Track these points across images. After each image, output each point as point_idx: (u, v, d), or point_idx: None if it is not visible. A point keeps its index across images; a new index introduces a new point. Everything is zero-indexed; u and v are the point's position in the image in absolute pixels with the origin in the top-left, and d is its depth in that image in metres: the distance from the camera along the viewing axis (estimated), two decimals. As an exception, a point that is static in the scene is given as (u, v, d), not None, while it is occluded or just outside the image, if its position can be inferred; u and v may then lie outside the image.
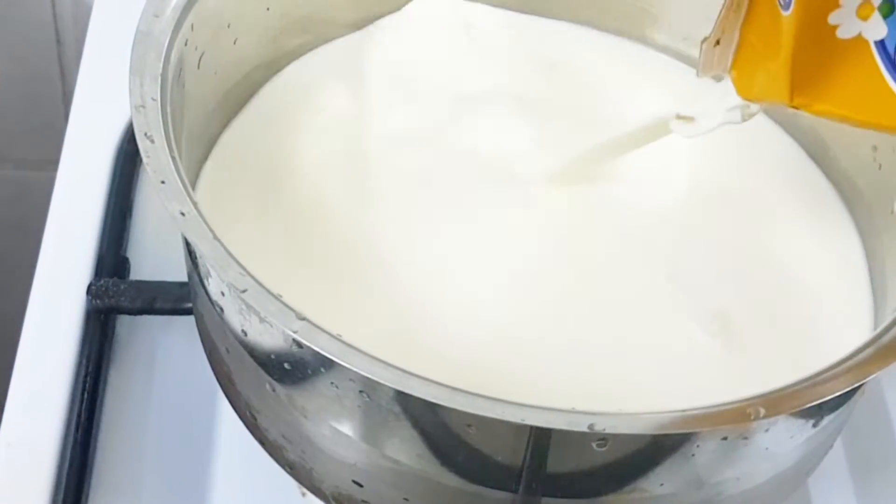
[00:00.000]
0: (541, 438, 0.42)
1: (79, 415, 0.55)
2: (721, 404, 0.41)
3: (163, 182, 0.44)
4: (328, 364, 0.43)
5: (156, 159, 0.45)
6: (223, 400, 0.52)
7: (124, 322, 0.59)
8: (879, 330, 0.45)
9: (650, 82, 0.60)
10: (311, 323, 0.41)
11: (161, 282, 0.59)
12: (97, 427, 0.55)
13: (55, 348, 0.57)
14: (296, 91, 0.58)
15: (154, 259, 0.62)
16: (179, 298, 0.58)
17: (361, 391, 0.43)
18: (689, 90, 0.50)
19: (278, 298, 0.42)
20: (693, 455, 0.43)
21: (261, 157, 0.55)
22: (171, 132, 0.47)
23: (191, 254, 0.49)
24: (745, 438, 0.44)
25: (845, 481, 0.57)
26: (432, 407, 0.41)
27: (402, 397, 0.42)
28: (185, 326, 0.57)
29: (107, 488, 0.54)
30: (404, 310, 0.50)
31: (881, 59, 0.43)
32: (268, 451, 0.49)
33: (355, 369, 0.40)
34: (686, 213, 0.55)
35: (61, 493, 0.52)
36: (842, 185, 0.57)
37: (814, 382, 0.42)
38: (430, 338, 0.49)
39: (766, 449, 0.45)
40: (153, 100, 0.47)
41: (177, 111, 0.49)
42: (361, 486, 0.46)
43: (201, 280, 0.48)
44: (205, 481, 0.55)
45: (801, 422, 0.45)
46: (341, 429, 0.45)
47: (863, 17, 0.42)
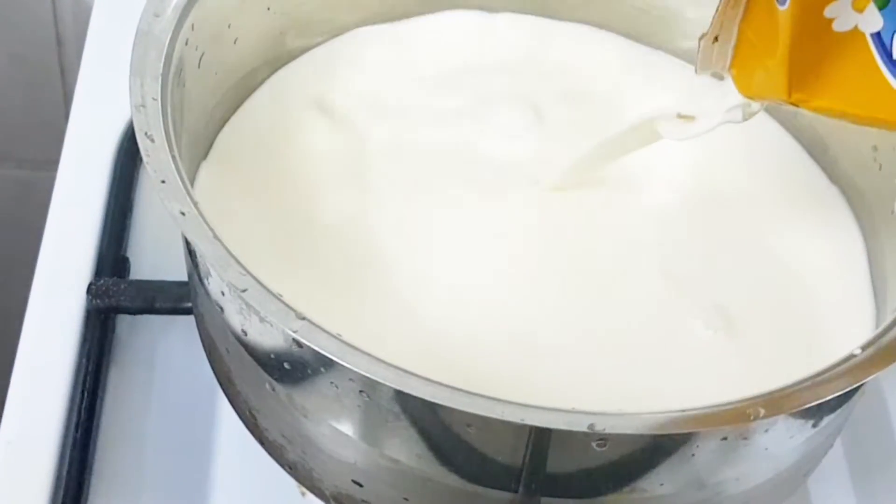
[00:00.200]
0: (541, 438, 0.42)
1: (79, 414, 0.55)
2: (721, 404, 0.41)
3: (163, 181, 0.44)
4: (328, 364, 0.43)
5: (156, 159, 0.45)
6: (223, 399, 0.52)
7: (124, 321, 0.59)
8: (879, 330, 0.45)
9: (658, 84, 0.60)
10: (310, 322, 0.41)
11: (161, 281, 0.59)
12: (97, 426, 0.55)
13: (55, 348, 0.57)
14: (296, 91, 0.58)
15: (154, 259, 0.62)
16: (179, 298, 0.58)
17: (361, 391, 0.43)
18: (695, 92, 0.50)
19: (278, 298, 0.42)
20: (693, 455, 0.43)
21: (261, 157, 0.55)
22: (172, 131, 0.47)
23: (191, 253, 0.49)
24: (745, 439, 0.44)
25: (845, 481, 0.57)
26: (432, 407, 0.41)
27: (401, 397, 0.42)
28: (185, 326, 0.57)
29: (107, 487, 0.54)
30: (404, 309, 0.50)
31: (877, 51, 0.42)
32: (268, 450, 0.49)
33: (355, 369, 0.40)
34: (686, 213, 0.55)
35: (61, 493, 0.52)
36: (842, 185, 0.57)
37: (814, 382, 0.42)
38: (430, 337, 0.49)
39: (766, 449, 0.45)
40: (153, 99, 0.47)
41: (177, 111, 0.49)
42: (361, 485, 0.46)
43: (201, 279, 0.48)
44: (205, 481, 0.55)
45: (800, 422, 0.45)
46: (341, 428, 0.45)
47: (858, 9, 0.42)
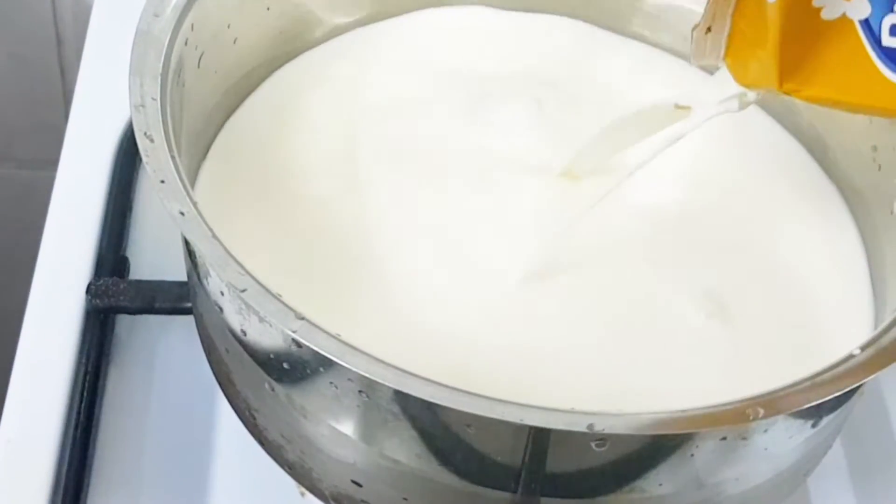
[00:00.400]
0: (540, 438, 0.42)
1: (78, 414, 0.55)
2: (720, 404, 0.41)
3: (162, 181, 0.44)
4: (327, 364, 0.43)
5: (155, 158, 0.45)
6: (222, 399, 0.52)
7: (124, 321, 0.59)
8: (879, 330, 0.45)
9: (655, 79, 0.60)
10: (310, 322, 0.41)
11: (160, 281, 0.59)
12: (96, 426, 0.55)
13: (55, 347, 0.57)
14: (295, 90, 0.58)
15: (154, 258, 0.62)
16: (179, 298, 0.58)
17: (360, 391, 0.43)
18: (692, 83, 0.50)
19: (277, 298, 0.42)
20: (692, 455, 0.43)
21: (260, 157, 0.55)
22: (171, 131, 0.47)
23: (190, 253, 0.49)
24: (745, 439, 0.44)
25: (844, 481, 0.57)
26: (431, 407, 0.41)
27: (401, 397, 0.42)
28: (184, 326, 0.57)
29: (106, 487, 0.54)
30: (403, 309, 0.50)
31: (866, 38, 0.42)
32: (267, 450, 0.49)
33: (354, 369, 0.40)
34: (686, 213, 0.55)
35: (60, 492, 0.52)
36: (842, 185, 0.57)
37: (813, 383, 0.42)
38: (428, 336, 0.49)
39: (766, 449, 0.45)
40: (153, 99, 0.47)
41: (176, 110, 0.49)
42: (360, 485, 0.46)
43: (201, 279, 0.48)
44: (204, 480, 0.55)
45: (800, 422, 0.45)
46: (340, 428, 0.45)
47: None
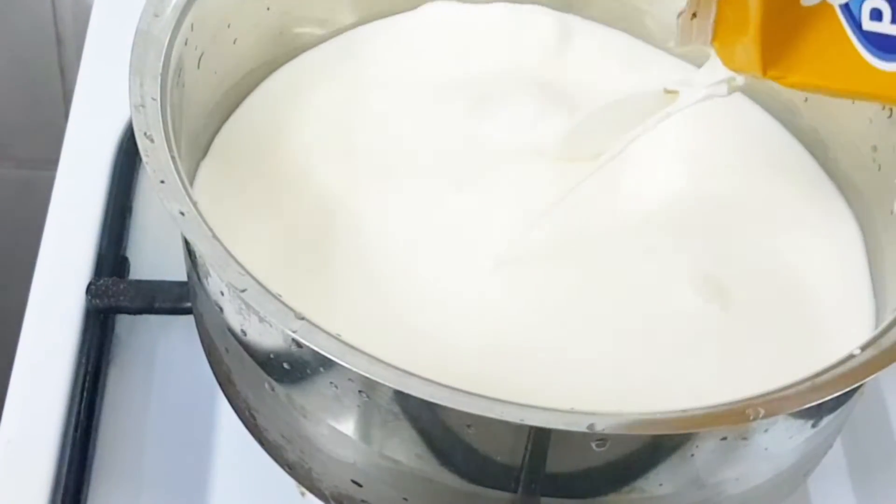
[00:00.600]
0: (540, 438, 0.42)
1: (78, 414, 0.55)
2: (720, 404, 0.41)
3: (162, 181, 0.44)
4: (327, 364, 0.43)
5: (155, 158, 0.45)
6: (222, 399, 0.52)
7: (124, 321, 0.59)
8: (879, 330, 0.45)
9: (644, 70, 0.60)
10: (310, 322, 0.41)
11: (160, 281, 0.59)
12: (96, 426, 0.55)
13: (55, 347, 0.57)
14: (295, 89, 0.58)
15: (153, 258, 0.62)
16: (179, 298, 0.58)
17: (360, 391, 0.43)
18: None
19: (277, 298, 0.42)
20: (692, 455, 0.43)
21: (260, 156, 0.55)
22: (171, 131, 0.47)
23: (190, 253, 0.49)
24: (745, 439, 0.44)
25: (844, 481, 0.57)
26: (431, 407, 0.41)
27: (401, 397, 0.42)
28: (184, 326, 0.57)
29: (106, 487, 0.54)
30: (404, 308, 0.50)
31: (847, 23, 0.42)
32: (267, 450, 0.49)
33: (354, 369, 0.40)
34: (686, 213, 0.55)
35: (60, 492, 0.52)
36: (842, 185, 0.57)
37: (813, 383, 0.42)
38: (430, 336, 0.49)
39: (766, 449, 0.45)
40: (153, 99, 0.47)
41: (176, 111, 0.49)
42: (360, 485, 0.46)
43: (201, 279, 0.48)
44: (204, 480, 0.55)
45: (800, 422, 0.45)
46: (340, 428, 0.45)
47: None
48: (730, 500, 0.46)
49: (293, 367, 0.45)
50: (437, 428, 0.43)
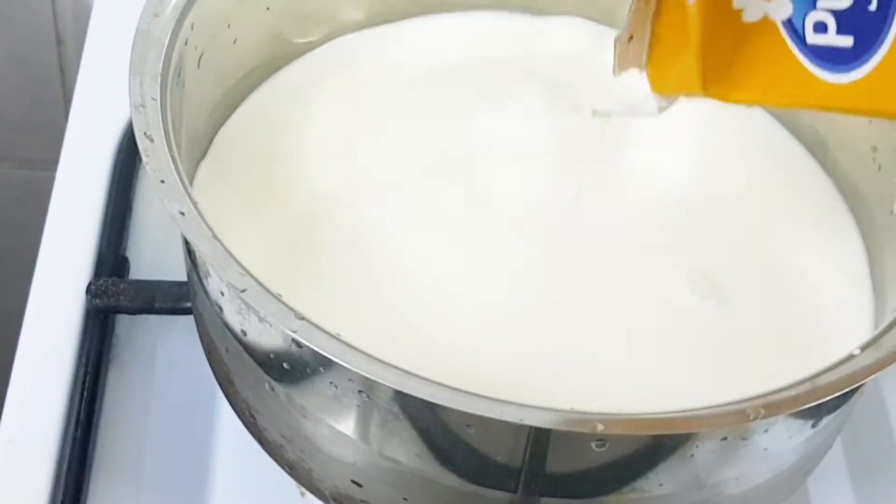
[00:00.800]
0: (540, 439, 0.42)
1: (78, 414, 0.55)
2: (720, 405, 0.41)
3: (162, 181, 0.44)
4: (327, 364, 0.43)
5: (155, 158, 0.45)
6: (222, 399, 0.52)
7: (124, 321, 0.59)
8: (879, 330, 0.45)
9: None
10: (310, 322, 0.41)
11: (160, 281, 0.59)
12: (96, 426, 0.55)
13: (55, 347, 0.57)
14: (295, 90, 0.58)
15: (153, 258, 0.62)
16: (179, 298, 0.58)
17: (360, 391, 0.43)
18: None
19: (277, 298, 0.42)
20: (692, 455, 0.43)
21: (260, 157, 0.55)
22: (171, 131, 0.47)
23: (190, 253, 0.49)
24: (745, 439, 0.44)
25: (844, 482, 0.57)
26: (431, 407, 0.41)
27: (401, 397, 0.42)
28: (184, 326, 0.57)
29: (106, 487, 0.54)
30: (404, 308, 0.50)
31: (790, 38, 0.42)
32: (267, 450, 0.49)
33: (354, 369, 0.40)
34: (686, 213, 0.55)
35: (60, 492, 0.52)
36: (842, 185, 0.57)
37: (813, 383, 0.42)
38: (430, 336, 0.49)
39: (766, 449, 0.45)
40: (153, 99, 0.47)
41: (176, 110, 0.49)
42: (360, 485, 0.46)
43: (201, 279, 0.48)
44: (204, 480, 0.55)
45: (800, 422, 0.45)
46: (340, 428, 0.45)
47: None
48: (730, 501, 0.46)
49: (293, 367, 0.45)
50: (437, 428, 0.43)
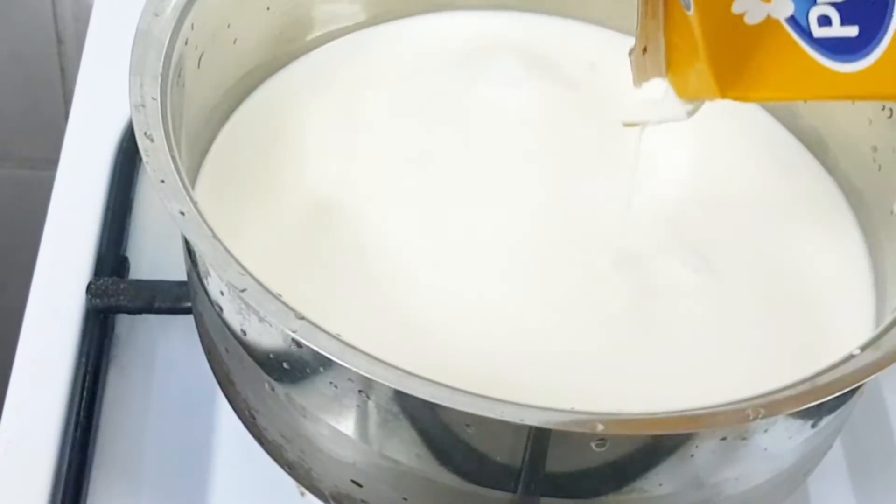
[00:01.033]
0: (540, 438, 0.42)
1: (78, 413, 0.55)
2: (720, 405, 0.41)
3: (162, 181, 0.44)
4: (327, 364, 0.43)
5: (155, 158, 0.45)
6: (222, 399, 0.52)
7: (124, 321, 0.59)
8: (879, 330, 0.45)
9: None
10: (310, 322, 0.41)
11: (160, 281, 0.59)
12: (96, 426, 0.55)
13: (55, 347, 0.57)
14: (295, 90, 0.58)
15: (153, 258, 0.62)
16: (179, 297, 0.58)
17: (360, 391, 0.43)
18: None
19: (277, 298, 0.42)
20: (692, 455, 0.43)
21: (260, 157, 0.55)
22: (171, 131, 0.47)
23: (190, 253, 0.49)
24: (744, 439, 0.44)
25: (844, 482, 0.57)
26: (431, 407, 0.41)
27: (401, 397, 0.42)
28: (184, 326, 0.57)
29: (106, 487, 0.54)
30: (404, 308, 0.50)
31: (797, 34, 0.42)
32: (267, 450, 0.49)
33: (354, 369, 0.40)
34: (686, 213, 0.55)
35: (60, 492, 0.52)
36: (842, 185, 0.57)
37: (813, 383, 0.42)
38: (430, 335, 0.49)
39: (765, 449, 0.45)
40: (153, 99, 0.47)
41: (176, 110, 0.49)
42: (360, 485, 0.46)
43: (201, 279, 0.48)
44: (204, 480, 0.55)
45: (799, 422, 0.45)
46: (340, 428, 0.45)
47: None
48: (729, 501, 0.46)
49: (293, 367, 0.45)
50: (436, 428, 0.43)
